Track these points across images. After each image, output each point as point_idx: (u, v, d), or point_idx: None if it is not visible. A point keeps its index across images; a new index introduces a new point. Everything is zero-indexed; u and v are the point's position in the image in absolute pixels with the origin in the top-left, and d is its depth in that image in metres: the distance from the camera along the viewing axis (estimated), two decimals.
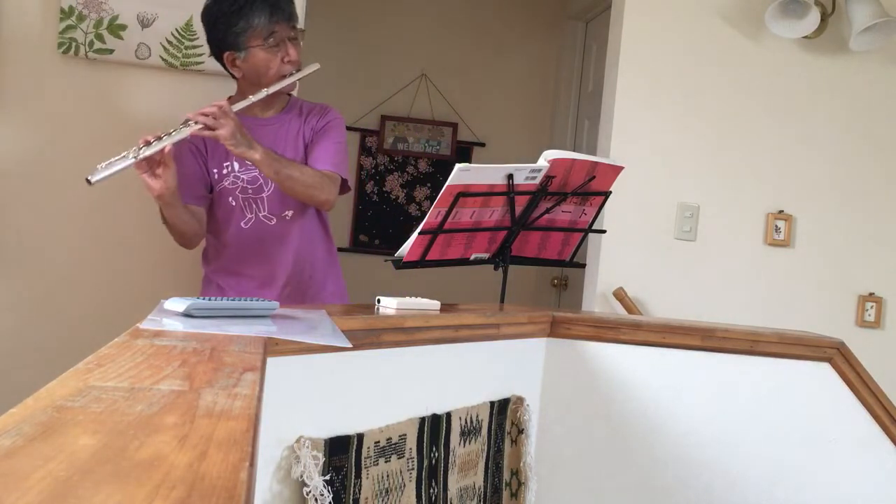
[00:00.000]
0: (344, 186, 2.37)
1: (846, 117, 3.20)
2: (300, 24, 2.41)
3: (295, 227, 2.37)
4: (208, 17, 2.33)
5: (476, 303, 2.29)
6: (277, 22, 2.29)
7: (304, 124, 2.40)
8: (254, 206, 2.36)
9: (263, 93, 2.28)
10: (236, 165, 2.34)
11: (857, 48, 3.05)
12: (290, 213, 2.36)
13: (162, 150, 2.10)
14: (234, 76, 2.38)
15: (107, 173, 2.05)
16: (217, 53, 2.35)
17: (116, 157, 2.06)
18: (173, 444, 0.56)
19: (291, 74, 2.33)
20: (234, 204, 2.36)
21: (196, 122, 2.13)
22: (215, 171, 2.36)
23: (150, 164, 2.13)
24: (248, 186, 2.34)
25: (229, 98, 2.34)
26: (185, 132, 2.13)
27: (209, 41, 2.36)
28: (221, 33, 2.30)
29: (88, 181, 2.03)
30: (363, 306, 2.25)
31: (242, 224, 2.36)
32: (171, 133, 2.12)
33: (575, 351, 2.00)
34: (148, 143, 2.10)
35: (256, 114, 2.39)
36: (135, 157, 2.07)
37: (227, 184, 2.35)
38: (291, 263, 2.37)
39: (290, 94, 2.48)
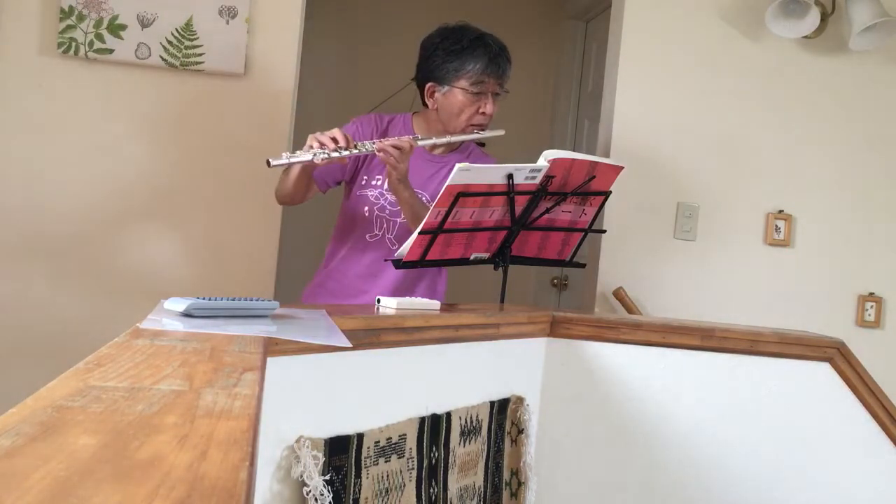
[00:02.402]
0: None
1: (846, 117, 3.19)
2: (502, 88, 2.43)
3: None
4: (429, 46, 2.41)
5: (476, 303, 2.29)
6: (489, 74, 2.35)
7: None
8: (384, 225, 2.40)
9: (446, 139, 2.35)
10: (387, 183, 2.36)
11: (857, 48, 3.05)
12: None
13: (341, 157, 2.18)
14: (425, 104, 2.43)
15: (287, 161, 2.13)
16: (421, 80, 2.42)
17: (302, 152, 2.14)
18: (173, 444, 0.56)
19: (478, 131, 2.37)
20: (367, 215, 2.40)
21: (382, 151, 2.18)
22: (365, 177, 2.40)
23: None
24: (388, 207, 2.37)
25: (414, 113, 2.45)
26: (369, 151, 2.20)
27: (419, 67, 2.43)
28: (434, 65, 2.37)
29: (268, 163, 2.12)
30: (363, 306, 2.25)
31: (367, 237, 2.40)
32: (356, 146, 2.19)
33: (575, 351, 2.00)
34: (335, 147, 2.15)
35: (428, 149, 2.43)
36: (316, 158, 2.13)
37: (368, 193, 2.39)
38: (390, 288, 2.37)
39: None
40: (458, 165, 2.02)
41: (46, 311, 2.77)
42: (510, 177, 2.10)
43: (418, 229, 2.08)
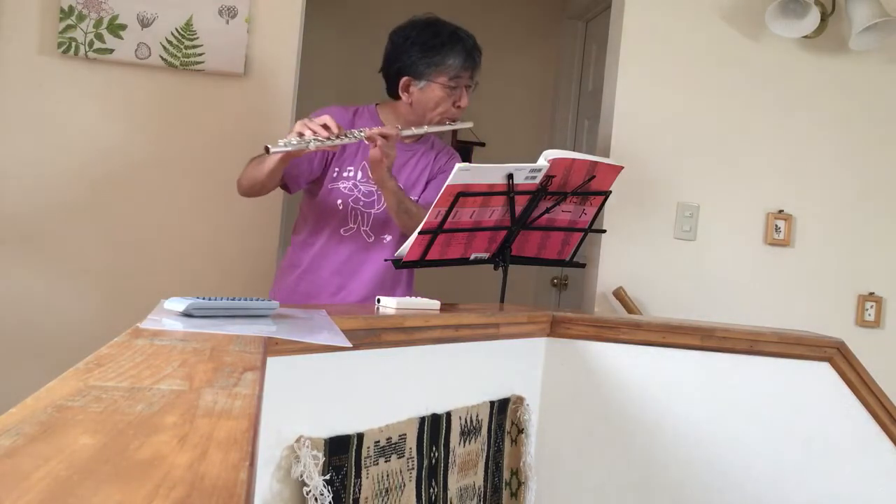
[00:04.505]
0: None
1: (846, 117, 3.19)
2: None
3: (386, 252, 2.36)
4: (402, 39, 2.37)
5: (476, 303, 2.29)
6: (466, 69, 2.36)
7: (434, 161, 2.45)
8: (359, 217, 2.38)
9: (424, 130, 2.33)
10: (359, 174, 2.35)
11: (857, 48, 3.05)
12: (388, 237, 2.37)
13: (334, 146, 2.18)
14: (391, 95, 2.41)
15: (284, 148, 2.10)
16: (394, 74, 2.38)
17: (297, 139, 2.11)
18: (173, 444, 0.56)
19: (450, 122, 2.39)
20: (340, 208, 2.37)
21: (372, 139, 2.17)
22: (336, 169, 2.37)
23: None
24: (362, 198, 2.35)
25: (377, 104, 2.44)
26: (357, 139, 2.18)
27: (390, 59, 2.39)
28: (412, 59, 2.34)
29: (267, 149, 2.09)
30: (363, 306, 2.25)
31: (342, 231, 2.38)
32: (346, 135, 2.17)
33: (575, 351, 2.00)
34: (327, 136, 2.13)
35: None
36: (311, 146, 2.11)
37: (341, 186, 2.37)
38: (369, 284, 2.36)
39: None
40: (458, 165, 2.02)
41: (46, 310, 2.77)
42: (510, 177, 2.10)
43: (418, 229, 2.08)
